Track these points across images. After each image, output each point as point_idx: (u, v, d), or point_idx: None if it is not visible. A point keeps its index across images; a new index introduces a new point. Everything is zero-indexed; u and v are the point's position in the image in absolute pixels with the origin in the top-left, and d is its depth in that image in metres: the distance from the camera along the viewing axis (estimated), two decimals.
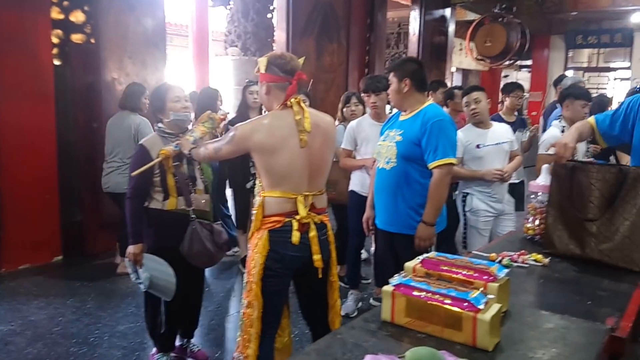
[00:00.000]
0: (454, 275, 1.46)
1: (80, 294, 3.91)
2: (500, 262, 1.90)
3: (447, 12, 9.11)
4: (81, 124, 4.64)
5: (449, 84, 8.23)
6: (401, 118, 2.75)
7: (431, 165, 2.58)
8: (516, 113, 4.68)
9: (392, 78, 2.70)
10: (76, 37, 4.64)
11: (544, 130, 4.54)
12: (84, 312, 3.60)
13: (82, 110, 4.63)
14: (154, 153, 2.55)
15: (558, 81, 5.65)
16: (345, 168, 3.71)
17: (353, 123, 3.62)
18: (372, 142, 3.26)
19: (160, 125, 2.66)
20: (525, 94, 4.85)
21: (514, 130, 4.23)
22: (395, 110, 2.94)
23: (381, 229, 2.82)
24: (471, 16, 10.94)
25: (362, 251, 4.01)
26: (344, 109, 3.97)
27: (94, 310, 3.63)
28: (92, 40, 4.66)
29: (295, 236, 2.09)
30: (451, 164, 2.59)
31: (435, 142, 2.55)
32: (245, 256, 4.34)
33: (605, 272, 1.89)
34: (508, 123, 4.23)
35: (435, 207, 2.62)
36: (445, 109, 3.78)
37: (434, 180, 2.59)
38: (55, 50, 4.51)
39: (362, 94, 3.64)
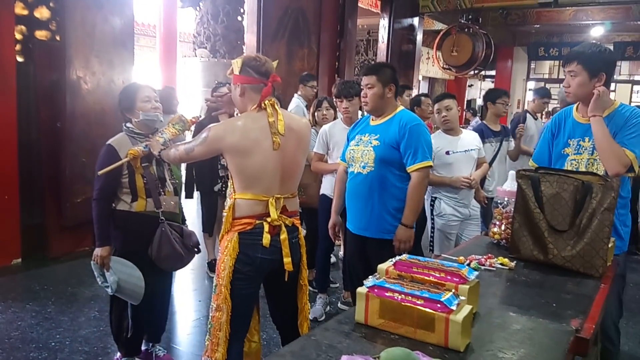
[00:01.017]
0: (426, 278, 1.49)
1: (40, 297, 3.79)
2: (468, 265, 1.94)
3: (416, 21, 9.27)
4: (44, 122, 4.50)
5: (415, 92, 8.36)
6: (373, 123, 2.76)
7: (411, 168, 2.62)
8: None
9: (376, 83, 2.67)
10: (40, 34, 4.52)
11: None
12: (44, 316, 3.49)
13: (45, 108, 4.50)
14: (122, 153, 2.50)
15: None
16: (316, 172, 3.72)
17: (325, 127, 3.63)
18: (344, 146, 3.28)
19: (129, 125, 2.61)
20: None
21: (500, 141, 4.33)
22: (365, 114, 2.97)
23: (354, 233, 2.82)
24: (439, 26, 11.16)
25: (331, 255, 4.03)
26: (316, 113, 3.99)
27: (55, 314, 3.52)
28: (58, 38, 4.54)
29: (266, 238, 2.08)
30: (429, 166, 2.66)
31: (415, 145, 2.60)
32: (212, 260, 4.36)
33: (569, 275, 1.96)
34: (495, 132, 4.33)
35: (414, 210, 2.66)
36: None
37: (413, 183, 2.63)
38: (18, 47, 4.38)
39: (335, 99, 3.67)
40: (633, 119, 2.29)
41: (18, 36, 4.37)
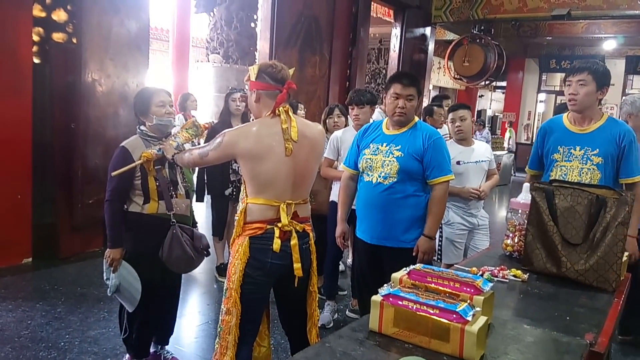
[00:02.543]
0: (441, 287, 1.49)
1: (50, 297, 3.82)
2: (482, 275, 1.93)
3: (428, 30, 9.29)
4: (59, 124, 4.54)
5: (425, 102, 8.37)
6: (389, 132, 2.72)
7: (435, 181, 2.64)
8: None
9: (415, 95, 2.66)
10: (57, 36, 4.57)
11: None
12: (54, 316, 3.51)
13: (60, 110, 4.54)
14: (135, 155, 2.52)
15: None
16: (326, 177, 3.73)
17: (337, 133, 3.65)
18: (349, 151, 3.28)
19: (142, 128, 2.63)
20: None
21: None
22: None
23: (369, 243, 2.77)
24: (450, 36, 11.17)
25: (340, 263, 4.02)
26: (327, 120, 4.00)
27: (64, 314, 3.54)
28: (74, 40, 4.59)
29: (277, 243, 2.10)
30: (450, 179, 2.70)
31: (439, 159, 2.63)
32: (221, 264, 4.37)
33: (582, 289, 1.96)
34: None
35: (437, 221, 2.70)
36: None
37: (437, 196, 2.65)
38: (35, 48, 4.43)
39: (348, 106, 3.71)
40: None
41: (35, 38, 4.42)
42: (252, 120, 2.33)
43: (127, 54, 4.90)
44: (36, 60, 4.44)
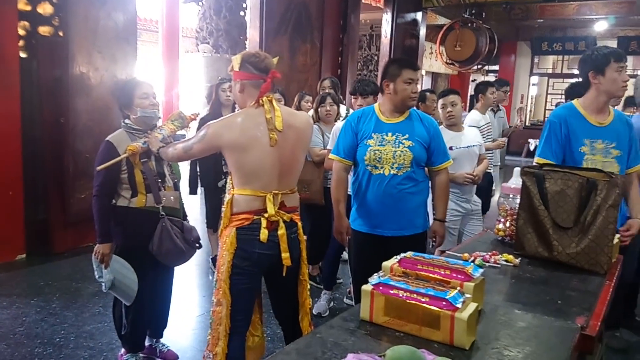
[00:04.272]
0: (431, 275, 1.49)
1: (44, 293, 3.81)
2: (473, 262, 1.94)
3: (419, 15, 9.23)
4: (48, 118, 4.50)
5: (418, 87, 8.33)
6: (388, 120, 2.65)
7: (441, 167, 2.70)
8: None
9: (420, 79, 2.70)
10: (44, 30, 4.51)
11: None
12: (49, 311, 3.50)
13: (49, 104, 4.49)
14: (121, 149, 2.50)
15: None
16: (330, 169, 3.70)
17: (340, 124, 3.61)
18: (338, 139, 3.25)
19: (127, 121, 2.61)
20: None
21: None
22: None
23: (386, 235, 2.68)
24: (442, 20, 11.10)
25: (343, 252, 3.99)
26: (319, 109, 3.98)
27: (59, 310, 3.53)
28: (61, 33, 4.53)
29: (264, 234, 2.09)
30: (450, 164, 2.77)
31: (443, 145, 2.71)
32: (216, 255, 4.36)
33: (573, 272, 1.96)
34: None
35: (446, 204, 2.80)
36: None
37: (444, 180, 2.73)
38: (21, 43, 4.36)
39: (351, 96, 3.69)
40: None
41: (21, 32, 4.35)
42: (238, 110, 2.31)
43: (115, 46, 4.85)
44: (23, 55, 4.38)
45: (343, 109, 4.43)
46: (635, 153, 2.59)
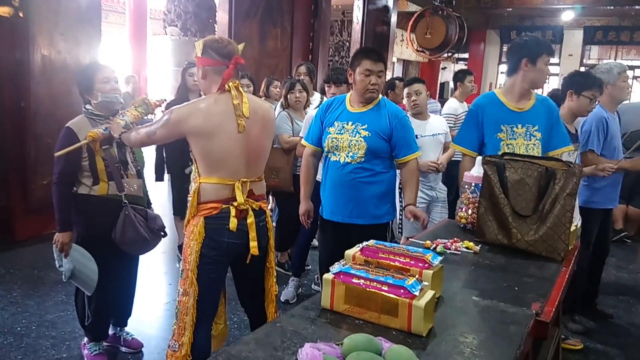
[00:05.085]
0: (392, 263, 1.51)
1: (5, 282, 3.72)
2: (434, 249, 1.97)
3: (390, 2, 9.22)
4: (8, 103, 4.35)
5: (389, 75, 8.36)
6: (353, 110, 2.67)
7: (405, 159, 2.67)
8: None
9: (384, 70, 2.64)
10: (3, 10, 4.33)
11: None
12: (10, 300, 3.43)
13: (9, 88, 4.34)
14: (81, 135, 2.43)
15: None
16: (301, 156, 3.69)
17: (313, 112, 3.60)
18: (310, 126, 3.25)
19: (88, 106, 2.54)
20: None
21: None
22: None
23: (339, 222, 2.73)
24: (413, 7, 11.14)
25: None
26: (288, 96, 3.95)
27: (21, 298, 3.46)
28: (21, 14, 4.36)
29: (233, 223, 2.08)
30: (418, 155, 2.74)
31: (407, 137, 2.67)
32: (183, 243, 4.32)
33: (531, 259, 2.01)
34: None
35: (416, 191, 2.76)
36: None
37: (411, 169, 2.70)
38: None
39: (325, 84, 3.67)
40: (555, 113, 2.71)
41: None
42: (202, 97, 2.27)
43: (79, 28, 4.71)
44: None
45: (317, 96, 4.41)
46: (562, 135, 2.69)
